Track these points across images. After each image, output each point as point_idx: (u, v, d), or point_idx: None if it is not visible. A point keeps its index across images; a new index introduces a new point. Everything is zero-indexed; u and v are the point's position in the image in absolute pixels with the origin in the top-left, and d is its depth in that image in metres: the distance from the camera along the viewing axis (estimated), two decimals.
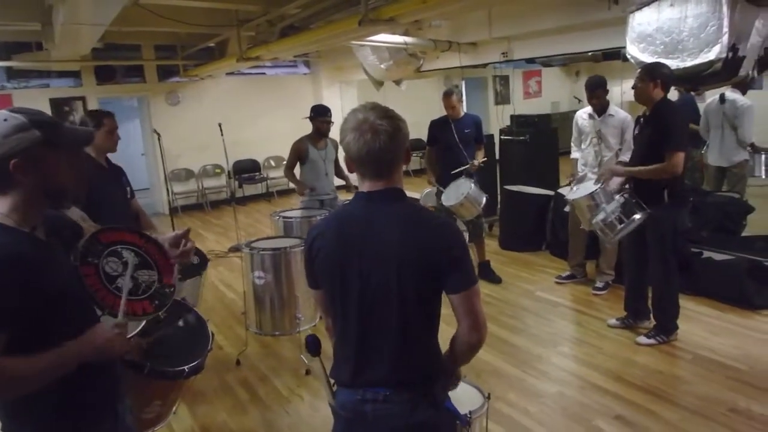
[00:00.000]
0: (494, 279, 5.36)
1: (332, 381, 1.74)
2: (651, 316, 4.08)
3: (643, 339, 3.96)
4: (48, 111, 8.13)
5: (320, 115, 4.99)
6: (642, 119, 3.89)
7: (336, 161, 5.18)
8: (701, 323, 4.22)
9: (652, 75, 3.69)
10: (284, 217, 4.84)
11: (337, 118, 8.22)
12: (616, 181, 4.05)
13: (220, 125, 6.75)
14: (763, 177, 5.94)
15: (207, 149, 9.29)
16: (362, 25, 4.32)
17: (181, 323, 2.32)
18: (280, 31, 5.88)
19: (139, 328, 2.12)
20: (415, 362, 1.61)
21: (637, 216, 3.70)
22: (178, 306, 2.65)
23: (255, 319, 4.08)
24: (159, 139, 6.91)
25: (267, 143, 10.31)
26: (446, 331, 1.67)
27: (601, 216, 3.84)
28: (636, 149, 3.99)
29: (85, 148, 2.83)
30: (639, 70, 3.83)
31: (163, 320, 2.24)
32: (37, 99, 8.43)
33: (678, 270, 3.98)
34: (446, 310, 1.64)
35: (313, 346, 1.81)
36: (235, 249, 6.81)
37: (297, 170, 5.16)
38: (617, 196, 3.82)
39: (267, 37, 6.17)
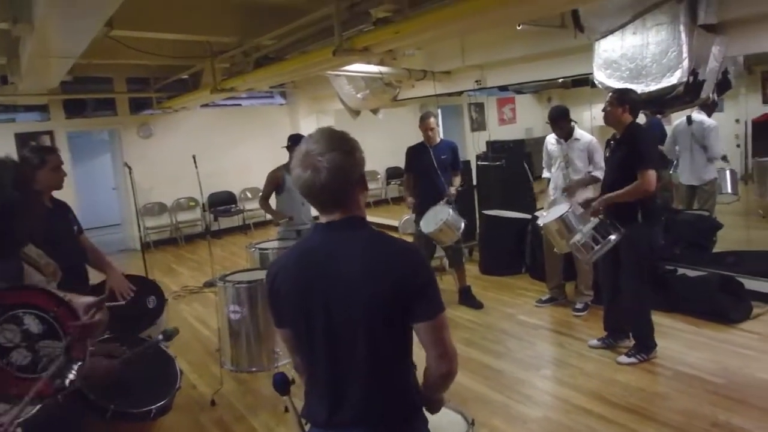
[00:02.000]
0: (476, 304, 5.35)
1: (305, 421, 1.67)
2: (630, 335, 4.10)
3: (623, 358, 3.97)
4: (13, 147, 8.04)
5: (297, 143, 4.96)
6: (612, 142, 3.98)
7: None
8: (679, 339, 4.26)
9: (621, 100, 3.81)
10: (260, 249, 4.76)
11: None
12: (582, 196, 4.12)
13: (194, 157, 6.69)
14: (730, 192, 6.10)
15: (181, 182, 9.18)
16: (336, 55, 4.35)
17: (146, 361, 2.19)
18: (255, 61, 5.89)
19: (32, 412, 1.64)
20: (389, 399, 1.55)
21: (613, 236, 3.75)
22: (143, 344, 2.55)
23: (230, 355, 3.88)
24: (130, 173, 6.81)
25: (243, 175, 10.25)
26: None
27: (576, 238, 3.88)
28: (608, 171, 4.07)
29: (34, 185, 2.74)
30: (609, 94, 3.93)
31: (127, 359, 2.08)
32: (2, 134, 8.29)
33: (651, 288, 4.03)
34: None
35: (281, 384, 1.74)
36: (210, 284, 6.67)
37: (273, 201, 5.12)
38: (592, 218, 3.88)
39: (242, 68, 6.19)
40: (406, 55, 6.60)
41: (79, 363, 1.47)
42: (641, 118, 4.33)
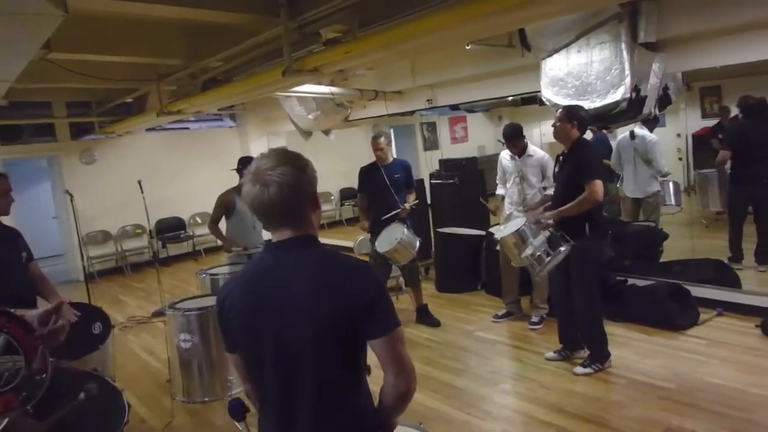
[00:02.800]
0: (433, 322, 5.33)
1: None
2: (585, 345, 4.16)
3: (579, 369, 4.03)
4: None
5: (248, 166, 4.89)
6: (561, 157, 4.08)
7: None
8: (632, 348, 4.35)
9: (570, 116, 3.92)
10: (211, 275, 4.61)
11: None
12: (536, 212, 4.21)
13: (139, 183, 6.49)
14: (674, 204, 6.33)
15: (126, 209, 8.91)
16: (286, 75, 4.31)
17: (89, 396, 2.05)
18: (203, 84, 5.78)
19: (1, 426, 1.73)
20: (343, 422, 1.51)
21: (562, 248, 3.84)
22: (85, 377, 2.42)
23: (182, 386, 3.74)
24: (72, 201, 6.55)
25: (192, 200, 9.99)
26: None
27: (529, 251, 3.94)
28: (557, 185, 4.16)
29: None
30: (559, 110, 4.04)
31: (68, 395, 1.95)
32: None
33: (602, 298, 4.12)
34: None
35: (236, 410, 1.68)
36: (159, 313, 6.44)
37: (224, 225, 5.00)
38: (543, 231, 3.95)
39: (189, 90, 6.06)
40: (357, 76, 6.62)
41: (42, 374, 1.48)
42: (588, 134, 4.46)
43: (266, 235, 5.00)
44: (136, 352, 5.48)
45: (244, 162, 4.95)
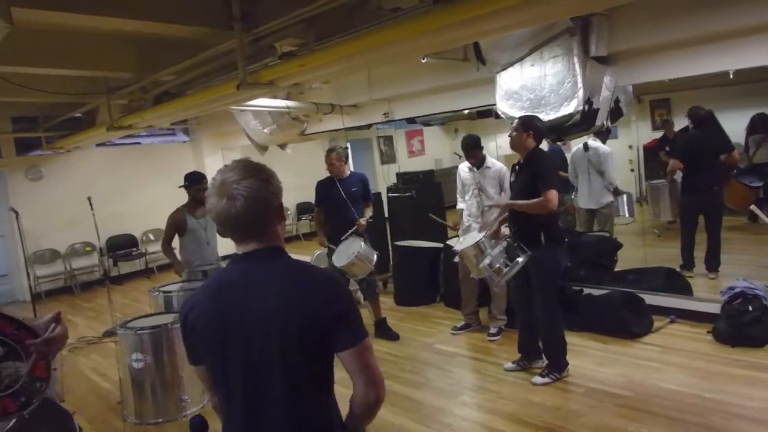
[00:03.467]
0: (392, 336, 5.30)
1: None
2: (543, 355, 4.20)
3: (537, 379, 4.05)
4: None
5: (195, 183, 4.83)
6: (517, 167, 4.13)
7: None
8: (589, 356, 4.41)
9: (526, 126, 3.98)
10: (164, 292, 4.49)
11: None
12: (492, 214, 4.24)
13: (89, 199, 6.29)
14: (627, 216, 6.49)
15: (76, 226, 8.58)
16: (240, 89, 4.25)
17: (38, 419, 1.95)
18: (155, 97, 5.64)
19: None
20: None
21: (520, 258, 3.88)
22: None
23: (134, 407, 3.64)
24: (18, 218, 6.28)
25: (145, 216, 9.71)
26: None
27: (487, 261, 3.97)
28: (513, 195, 4.21)
29: None
30: (515, 120, 4.10)
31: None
32: None
33: (562, 307, 4.17)
34: None
35: (198, 428, 1.63)
36: (110, 333, 6.20)
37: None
38: (500, 242, 3.99)
39: (140, 104, 5.90)
40: (313, 89, 6.60)
41: (43, 382, 1.51)
42: (543, 146, 4.53)
43: (222, 250, 4.96)
44: (87, 374, 5.26)
45: (191, 179, 4.89)
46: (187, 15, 4.01)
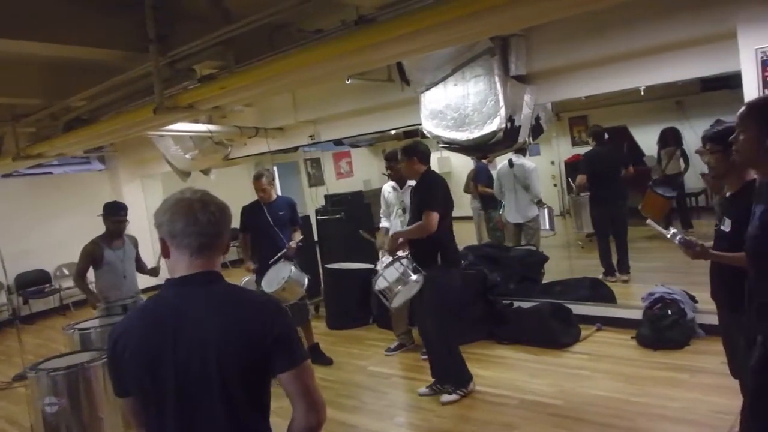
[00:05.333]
0: (325, 361, 5.20)
1: None
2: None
3: (445, 398, 4.06)
4: None
5: (113, 213, 4.61)
6: (411, 189, 4.24)
7: (137, 257, 4.75)
8: (521, 369, 4.48)
9: (409, 153, 4.09)
10: (80, 329, 4.22)
11: (141, 215, 7.56)
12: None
13: None
14: (548, 228, 6.72)
15: None
16: (158, 113, 4.07)
17: None
18: (65, 124, 5.33)
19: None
20: None
21: (413, 278, 3.86)
22: None
23: None
24: None
25: (58, 250, 9.09)
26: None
27: (383, 284, 3.93)
28: (410, 217, 4.29)
29: None
30: (398, 152, 4.21)
31: None
32: None
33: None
34: None
35: None
36: (21, 377, 5.74)
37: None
38: (395, 263, 3.95)
39: (50, 132, 5.57)
40: (236, 112, 6.46)
41: None
42: (469, 164, 4.62)
43: (141, 284, 4.71)
44: None
45: (109, 209, 4.67)
46: (98, 38, 3.82)
